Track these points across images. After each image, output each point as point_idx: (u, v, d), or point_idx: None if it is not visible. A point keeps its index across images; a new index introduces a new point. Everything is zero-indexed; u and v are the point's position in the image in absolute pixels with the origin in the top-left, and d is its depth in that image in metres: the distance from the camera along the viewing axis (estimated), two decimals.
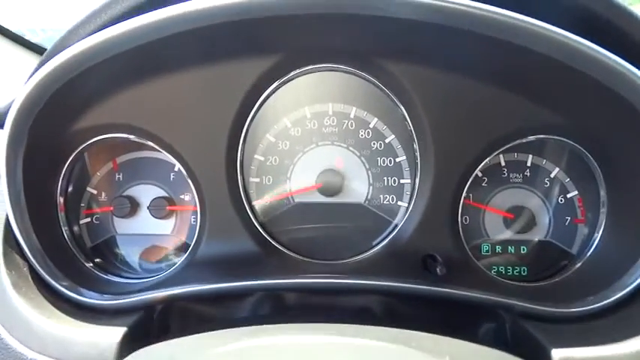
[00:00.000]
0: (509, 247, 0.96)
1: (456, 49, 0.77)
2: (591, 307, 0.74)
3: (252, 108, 0.89)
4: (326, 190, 0.94)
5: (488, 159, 0.88)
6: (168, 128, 0.87)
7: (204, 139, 0.86)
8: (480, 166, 0.88)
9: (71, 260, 0.89)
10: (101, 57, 0.70)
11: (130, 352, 0.65)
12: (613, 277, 0.77)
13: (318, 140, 0.96)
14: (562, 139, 0.87)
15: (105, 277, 0.91)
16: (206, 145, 0.87)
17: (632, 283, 0.73)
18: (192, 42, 0.74)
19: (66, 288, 0.78)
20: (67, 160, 0.90)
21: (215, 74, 0.83)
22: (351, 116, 0.96)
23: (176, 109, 0.85)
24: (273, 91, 0.90)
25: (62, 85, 0.72)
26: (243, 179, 0.93)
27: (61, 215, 0.91)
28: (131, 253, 0.97)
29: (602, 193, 0.89)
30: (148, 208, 0.95)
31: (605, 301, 0.74)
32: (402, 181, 0.94)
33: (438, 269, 0.78)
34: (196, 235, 0.90)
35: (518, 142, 0.87)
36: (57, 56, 0.69)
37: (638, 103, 0.69)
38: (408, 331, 0.62)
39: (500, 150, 0.87)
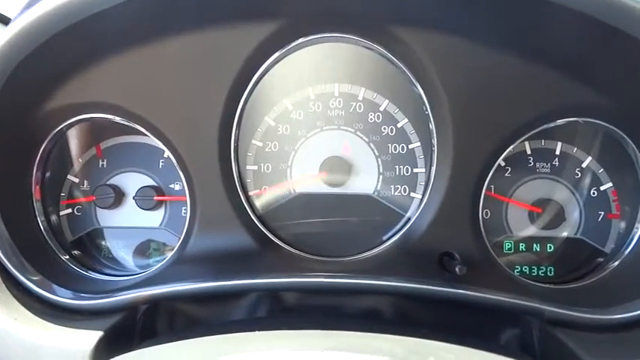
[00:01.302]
0: (535, 245, 0.86)
1: (483, 16, 0.67)
2: (632, 313, 0.64)
3: (249, 83, 0.79)
4: (331, 180, 0.85)
5: (512, 146, 0.78)
6: (153, 108, 0.78)
7: (194, 122, 0.77)
8: (503, 154, 0.78)
9: (45, 253, 0.80)
10: (74, 18, 0.61)
11: None
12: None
13: (323, 124, 0.87)
14: (598, 121, 0.77)
15: (84, 273, 0.82)
16: (196, 127, 0.77)
17: None
18: (181, 3, 0.65)
19: (36, 284, 0.69)
20: (41, 144, 0.81)
21: (207, 43, 0.73)
22: (360, 98, 0.86)
23: (163, 85, 0.76)
24: (272, 65, 0.81)
25: (27, 55, 0.62)
26: (239, 167, 0.83)
27: (37, 204, 0.82)
28: (116, 248, 0.88)
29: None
30: (133, 198, 0.86)
31: (626, 314, 0.64)
32: (415, 170, 0.85)
33: (457, 268, 0.69)
34: (186, 228, 0.81)
35: (547, 125, 0.77)
36: (19, 18, 0.60)
37: None
38: (423, 340, 0.52)
39: (528, 135, 0.77)
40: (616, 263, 0.80)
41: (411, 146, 0.85)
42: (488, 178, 0.78)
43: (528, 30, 0.66)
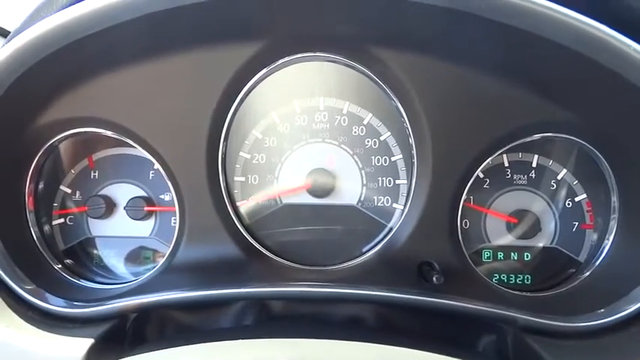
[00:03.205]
0: (512, 254, 0.89)
1: (458, 37, 0.70)
2: (600, 321, 0.68)
3: (236, 99, 0.82)
4: (316, 191, 0.88)
5: (490, 159, 0.81)
6: (143, 122, 0.80)
7: (182, 135, 0.80)
8: (481, 167, 0.81)
9: (39, 263, 0.82)
10: (66, 40, 0.64)
11: None
12: (624, 288, 0.71)
13: (309, 137, 0.90)
14: (571, 137, 0.80)
15: (76, 282, 0.85)
16: (185, 140, 0.80)
17: (625, 309, 0.66)
18: (170, 25, 0.68)
19: (29, 293, 0.72)
20: (35, 156, 0.83)
21: (196, 61, 0.76)
22: (344, 112, 0.89)
23: (151, 102, 0.79)
24: (258, 82, 0.84)
25: (24, 72, 0.65)
26: (226, 178, 0.86)
27: (30, 215, 0.84)
28: (107, 257, 0.91)
29: (614, 197, 0.82)
30: (124, 208, 0.89)
31: (616, 316, 0.67)
32: (397, 181, 0.88)
33: (434, 278, 0.72)
34: (175, 238, 0.83)
35: (523, 140, 0.80)
36: (14, 40, 0.63)
37: None
38: (398, 348, 0.55)
39: (504, 149, 0.81)
40: (587, 273, 0.83)
41: (393, 159, 0.88)
42: (466, 190, 0.81)
43: (502, 53, 0.70)
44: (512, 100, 0.76)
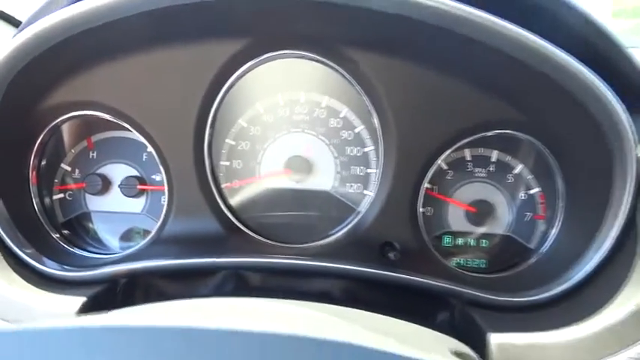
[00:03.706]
0: (471, 240, 0.98)
1: (421, 43, 0.78)
2: (534, 297, 0.76)
3: (220, 91, 0.91)
4: (294, 177, 0.97)
5: (449, 151, 0.90)
6: (138, 108, 0.89)
7: (172, 121, 0.89)
8: (441, 159, 0.90)
9: (39, 231, 0.91)
10: (69, 33, 0.72)
11: None
12: (561, 270, 0.79)
13: (290, 127, 0.98)
14: (522, 134, 0.89)
15: (71, 249, 0.93)
16: (174, 127, 0.89)
17: (574, 277, 0.75)
18: (162, 21, 0.76)
19: (29, 256, 0.80)
20: (39, 136, 0.92)
21: (185, 55, 0.85)
22: (323, 105, 0.98)
23: (146, 89, 0.87)
24: (242, 76, 0.92)
25: (30, 61, 0.74)
26: (212, 162, 0.94)
27: (33, 188, 0.93)
28: (101, 230, 0.99)
29: (560, 190, 0.91)
30: (119, 186, 0.98)
31: (548, 293, 0.76)
32: (368, 170, 0.96)
33: (391, 255, 0.81)
34: (163, 214, 0.92)
35: (479, 136, 0.89)
36: (23, 32, 0.72)
37: (588, 103, 0.71)
38: (348, 308, 0.64)
39: (461, 143, 0.89)
40: (534, 259, 0.92)
41: (365, 149, 0.97)
42: (427, 179, 0.90)
43: (464, 60, 0.78)
44: (471, 101, 0.84)
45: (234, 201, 0.97)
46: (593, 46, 0.74)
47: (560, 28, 0.72)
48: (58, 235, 0.94)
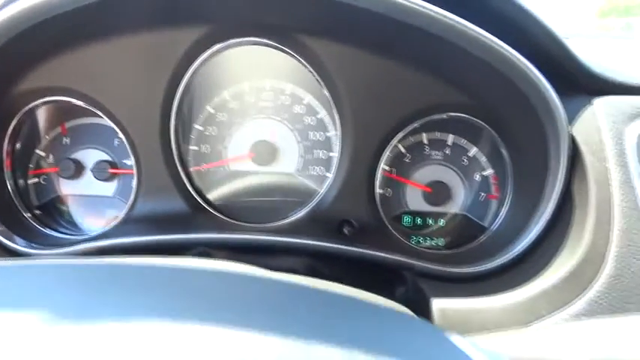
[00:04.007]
0: (429, 220, 1.03)
1: (371, 31, 0.83)
2: (478, 269, 0.81)
3: (184, 77, 0.95)
4: (259, 160, 1.01)
5: (402, 134, 0.95)
6: (107, 94, 0.93)
7: (139, 107, 0.93)
8: (395, 141, 0.95)
9: (11, 211, 0.95)
10: (39, 18, 0.76)
11: None
12: (506, 246, 0.84)
13: (255, 113, 1.03)
14: (469, 117, 0.94)
15: (44, 230, 0.97)
16: (141, 112, 0.93)
17: (516, 249, 0.80)
18: (126, 7, 0.81)
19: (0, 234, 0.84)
20: (12, 121, 0.96)
21: (149, 41, 0.89)
22: (287, 92, 1.02)
23: (114, 75, 0.91)
24: (205, 62, 0.96)
25: (1, 46, 0.78)
26: (180, 147, 0.99)
27: (7, 173, 0.97)
28: (74, 213, 1.03)
29: (509, 170, 0.96)
30: (91, 170, 1.02)
31: (491, 265, 0.81)
32: (330, 154, 1.01)
33: (345, 230, 0.86)
34: (132, 196, 0.96)
35: (428, 119, 0.94)
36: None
37: (523, 87, 0.76)
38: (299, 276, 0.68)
39: (413, 126, 0.94)
40: (485, 236, 0.97)
41: (327, 134, 1.01)
42: (382, 162, 0.95)
43: (410, 46, 0.83)
44: (420, 85, 0.89)
45: (201, 183, 1.01)
46: (529, 34, 0.79)
47: (497, 18, 0.77)
48: (30, 216, 0.98)
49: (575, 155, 0.77)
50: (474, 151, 1.01)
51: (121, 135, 0.98)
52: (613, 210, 0.72)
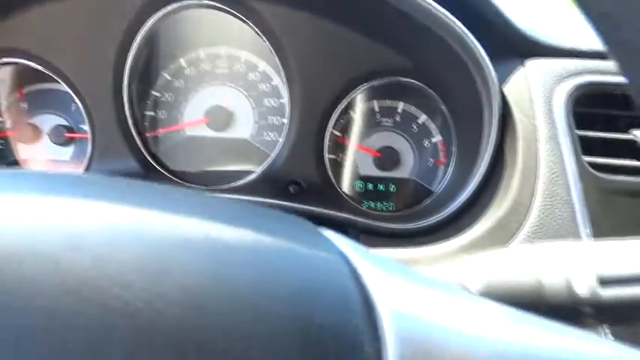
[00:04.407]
0: (379, 185, 1.06)
1: None
2: (416, 225, 0.85)
3: (135, 40, 0.96)
4: (214, 125, 1.04)
5: (348, 98, 0.98)
6: (61, 57, 0.95)
7: (92, 70, 0.95)
8: (342, 105, 0.98)
9: None
10: None
11: None
12: (444, 206, 0.88)
13: (211, 80, 1.05)
14: (414, 81, 0.97)
15: None
16: (95, 76, 0.95)
17: (449, 209, 0.84)
18: None
19: None
20: None
21: (100, 3, 0.91)
22: (242, 60, 1.05)
23: (67, 37, 0.93)
24: (156, 25, 0.98)
25: None
26: (134, 111, 1.00)
27: None
28: None
29: (453, 135, 1.00)
30: (48, 134, 1.03)
31: (428, 222, 0.84)
32: (283, 120, 1.04)
33: (291, 188, 0.89)
34: (87, 159, 0.98)
35: (375, 82, 0.97)
36: None
37: (458, 50, 0.80)
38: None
39: (359, 90, 0.97)
40: (430, 199, 1.00)
41: (282, 101, 1.04)
42: (329, 126, 0.98)
43: (349, 8, 0.86)
44: (365, 49, 0.92)
45: (157, 148, 1.03)
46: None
47: None
48: None
49: (506, 114, 0.80)
50: (423, 118, 1.05)
51: (77, 100, 1.00)
52: (539, 164, 0.76)
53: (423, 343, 0.26)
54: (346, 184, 1.04)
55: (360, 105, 1.02)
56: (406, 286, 0.29)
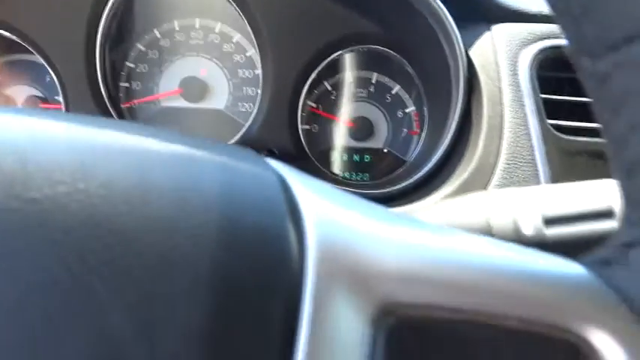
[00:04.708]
0: (354, 155, 1.07)
1: None
2: (383, 191, 0.86)
3: (104, 9, 0.96)
4: (188, 95, 1.04)
5: (320, 68, 0.98)
6: (33, 26, 0.94)
7: (66, 41, 0.94)
8: (314, 74, 0.98)
9: None
10: None
11: None
12: (413, 173, 0.89)
13: (185, 51, 1.05)
14: (384, 49, 0.98)
15: None
16: (68, 47, 0.95)
17: (418, 174, 0.85)
18: None
19: None
20: None
21: None
22: (216, 31, 1.05)
23: (39, 5, 0.93)
24: None
25: None
26: (107, 83, 1.01)
27: None
28: None
29: (425, 104, 1.01)
30: (21, 105, 1.03)
31: (398, 187, 0.86)
32: (258, 90, 1.04)
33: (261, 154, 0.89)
34: None
35: (347, 51, 0.98)
36: None
37: (425, 13, 0.81)
38: None
39: (330, 59, 0.98)
40: (403, 168, 1.02)
41: (256, 72, 1.05)
42: (302, 96, 0.98)
43: None
44: (333, 16, 0.92)
45: (131, 119, 1.04)
46: None
47: None
48: None
49: (472, 78, 0.82)
50: (396, 89, 1.06)
51: (50, 71, 1.00)
52: (503, 125, 0.77)
53: (342, 247, 0.27)
54: (321, 155, 1.05)
55: (334, 76, 1.03)
56: (332, 195, 0.30)
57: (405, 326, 0.26)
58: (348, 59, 1.02)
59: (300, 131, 1.01)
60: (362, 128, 1.05)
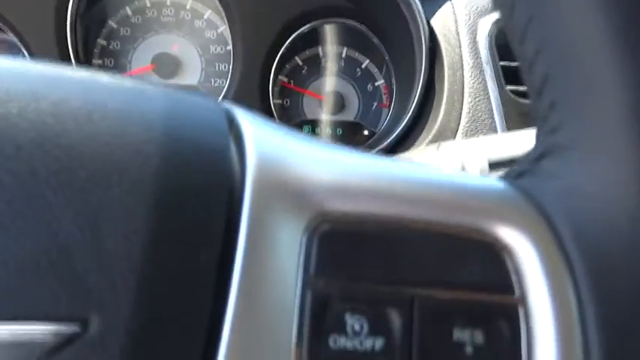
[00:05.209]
0: (327, 128, 1.10)
1: None
2: None
3: None
4: (160, 72, 1.05)
5: (290, 41, 1.00)
6: (4, 4, 0.95)
7: (37, 18, 0.95)
8: (283, 49, 1.00)
9: None
10: None
11: None
12: (377, 144, 0.92)
13: (157, 28, 1.06)
14: (351, 21, 1.00)
15: None
16: (39, 24, 0.95)
17: (384, 143, 0.88)
18: None
19: None
20: None
21: None
22: (187, 7, 1.06)
23: None
24: None
25: None
26: (80, 61, 1.01)
27: None
28: None
29: (393, 80, 1.04)
30: None
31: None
32: (230, 66, 1.06)
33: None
34: None
35: (316, 24, 1.00)
36: None
37: None
38: None
39: (300, 32, 1.00)
40: (370, 141, 1.05)
41: (228, 48, 1.06)
42: (272, 70, 1.00)
43: None
44: None
45: None
46: None
47: None
48: None
49: (435, 48, 0.84)
50: (366, 62, 1.08)
51: (23, 49, 1.00)
52: (464, 91, 0.80)
53: (281, 163, 0.29)
54: (293, 129, 1.07)
55: (304, 51, 1.05)
56: (273, 124, 0.32)
57: (336, 233, 0.29)
58: (319, 34, 1.04)
59: (273, 105, 1.03)
60: (333, 102, 1.07)
